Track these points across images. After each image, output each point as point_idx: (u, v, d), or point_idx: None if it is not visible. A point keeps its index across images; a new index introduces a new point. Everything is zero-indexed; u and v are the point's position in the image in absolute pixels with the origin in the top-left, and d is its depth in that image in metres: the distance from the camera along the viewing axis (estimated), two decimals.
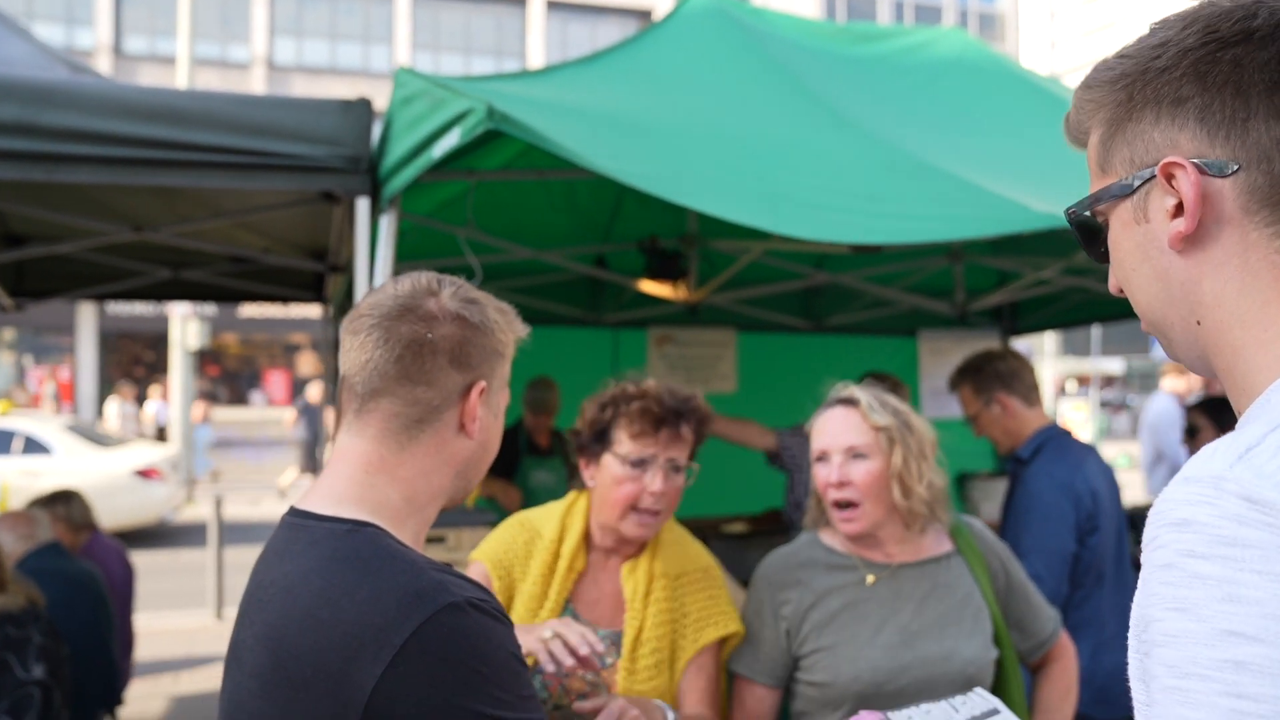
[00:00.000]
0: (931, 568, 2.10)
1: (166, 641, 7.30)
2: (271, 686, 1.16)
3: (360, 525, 1.23)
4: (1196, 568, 0.69)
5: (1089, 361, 32.63)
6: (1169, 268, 0.87)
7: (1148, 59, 0.87)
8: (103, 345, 25.21)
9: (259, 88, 25.33)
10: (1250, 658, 0.66)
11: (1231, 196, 0.83)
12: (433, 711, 1.10)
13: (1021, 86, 4.42)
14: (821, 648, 2.04)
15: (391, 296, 1.32)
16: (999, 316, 6.76)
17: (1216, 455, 0.74)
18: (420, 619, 1.12)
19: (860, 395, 2.10)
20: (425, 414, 1.29)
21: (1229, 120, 0.82)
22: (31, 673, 2.93)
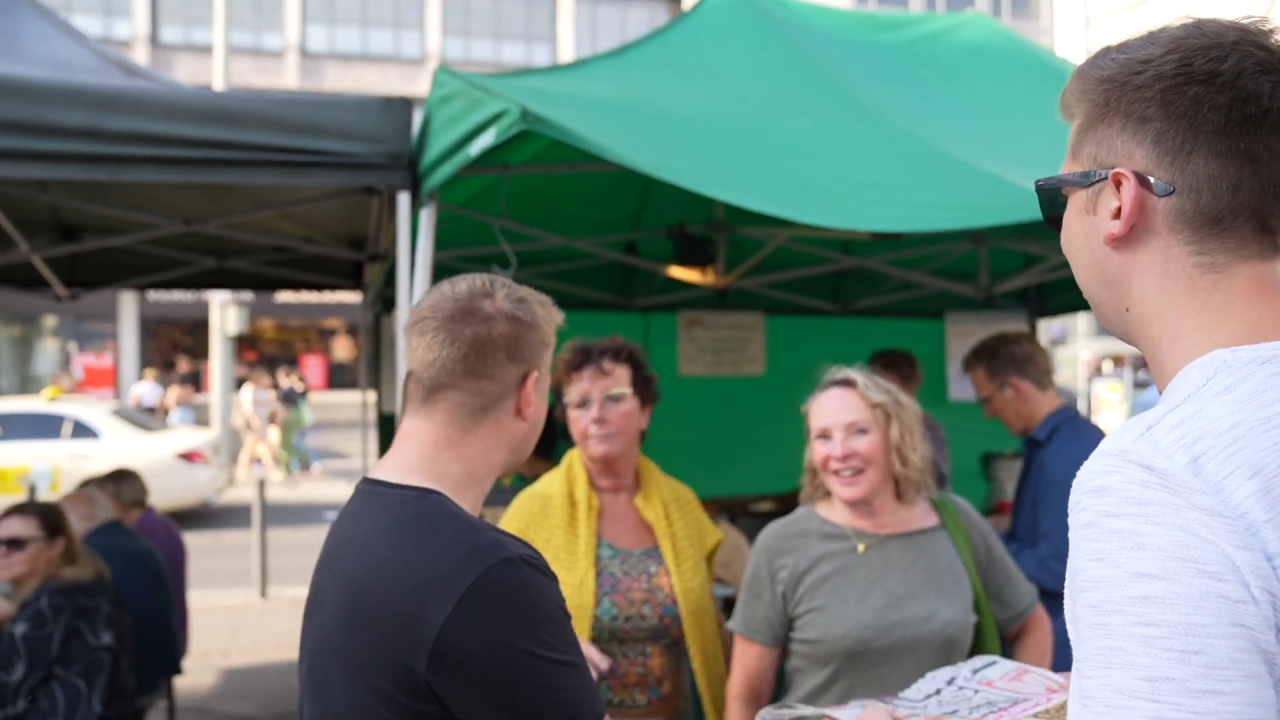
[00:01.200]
0: (918, 539, 2.28)
1: (214, 618, 7.55)
2: (352, 626, 1.34)
3: (427, 492, 1.41)
4: (1112, 525, 0.83)
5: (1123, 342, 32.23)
6: (1104, 259, 1.01)
7: (1131, 71, 0.97)
8: (143, 331, 25.70)
9: (292, 75, 25.61)
10: (1155, 592, 0.80)
11: (1162, 214, 0.96)
12: (491, 650, 1.27)
13: (1044, 71, 4.48)
14: (814, 608, 2.21)
15: (451, 299, 1.50)
16: (1025, 298, 6.80)
17: (1125, 432, 0.89)
18: (480, 570, 1.29)
19: (856, 376, 2.29)
20: (488, 403, 1.48)
21: (1177, 149, 0.94)
22: (101, 639, 3.13)
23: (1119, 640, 0.81)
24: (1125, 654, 0.80)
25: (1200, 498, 0.81)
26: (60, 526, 3.32)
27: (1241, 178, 0.93)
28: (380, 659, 1.30)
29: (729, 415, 6.33)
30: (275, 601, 8.24)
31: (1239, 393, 0.88)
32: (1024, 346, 3.37)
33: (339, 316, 27.60)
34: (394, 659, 1.29)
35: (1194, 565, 0.79)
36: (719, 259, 5.06)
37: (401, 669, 1.29)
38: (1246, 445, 0.84)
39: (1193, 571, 0.79)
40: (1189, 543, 0.80)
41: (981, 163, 3.12)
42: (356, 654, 1.33)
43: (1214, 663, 0.78)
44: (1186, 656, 0.78)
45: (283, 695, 5.91)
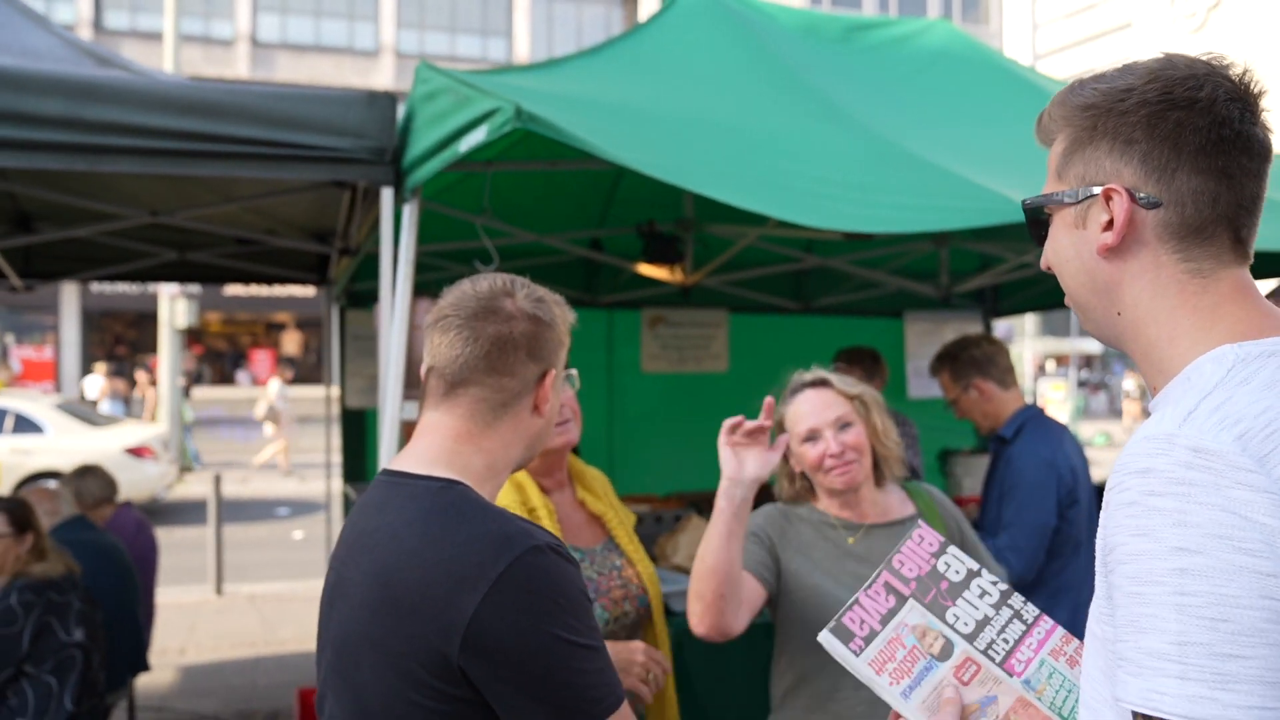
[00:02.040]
0: (898, 528, 2.37)
1: (170, 616, 7.44)
2: (383, 614, 1.38)
3: (451, 483, 1.46)
4: (1155, 503, 0.92)
5: (1068, 342, 32.99)
6: (1096, 269, 1.12)
7: (1115, 99, 1.09)
8: (86, 323, 25.15)
9: (243, 65, 25.22)
10: (1192, 565, 0.89)
11: (1151, 226, 1.07)
12: (521, 634, 1.32)
13: (1004, 77, 4.59)
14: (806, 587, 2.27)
15: (474, 297, 1.55)
16: (981, 299, 6.94)
17: (1166, 419, 0.97)
18: (511, 558, 1.34)
19: (827, 375, 2.38)
20: (509, 399, 1.53)
21: (1162, 168, 1.06)
22: (73, 636, 3.09)
23: (1154, 608, 0.90)
24: (1159, 620, 0.89)
25: (1247, 475, 0.90)
26: (29, 522, 3.27)
27: (1219, 192, 1.05)
28: (413, 645, 1.34)
29: (692, 412, 6.37)
30: (231, 598, 8.15)
31: (1257, 383, 0.98)
32: (985, 348, 3.47)
33: (288, 310, 27.22)
34: (427, 645, 1.33)
35: (1230, 542, 0.88)
36: (687, 257, 5.11)
37: (435, 654, 1.33)
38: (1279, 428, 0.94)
39: (1229, 548, 0.88)
40: (1229, 521, 0.88)
41: (948, 165, 3.20)
42: (388, 641, 1.37)
43: (1240, 630, 0.86)
44: (1215, 624, 0.87)
45: (243, 692, 5.85)
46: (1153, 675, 0.89)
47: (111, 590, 3.81)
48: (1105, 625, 1.01)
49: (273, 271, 6.18)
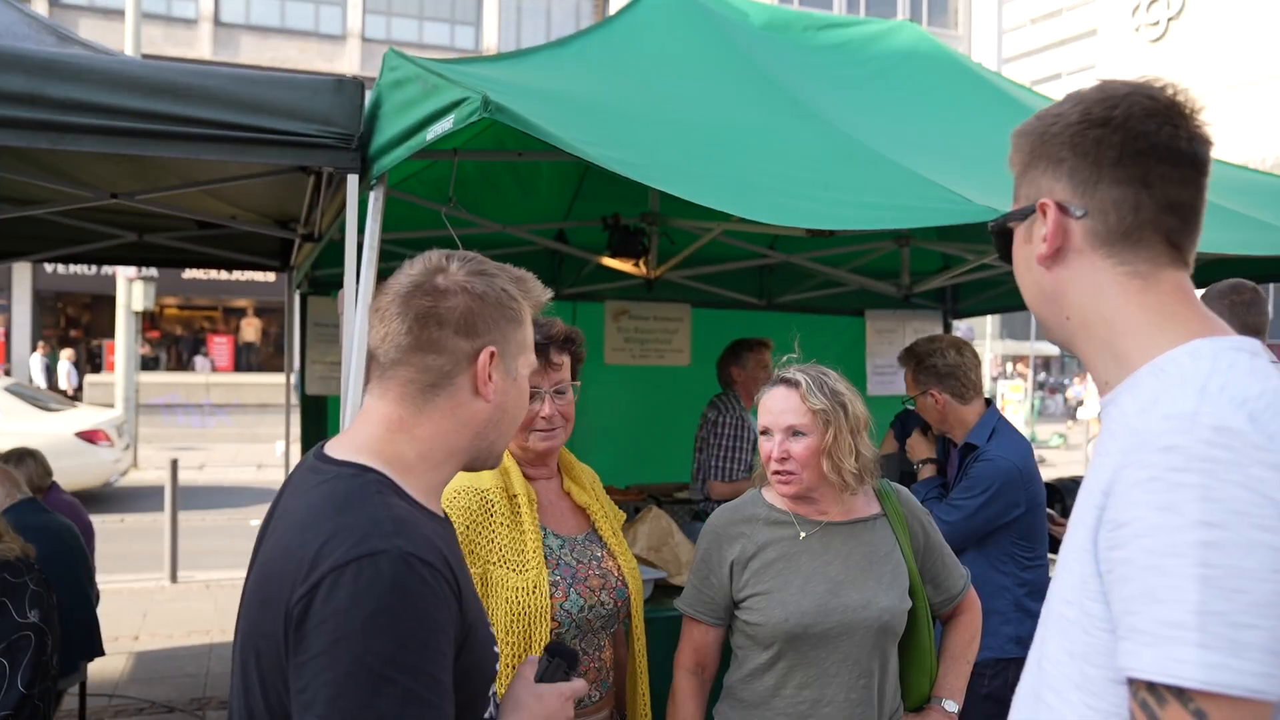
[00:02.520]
0: (859, 527, 2.38)
1: (124, 602, 7.36)
2: (251, 605, 1.33)
3: (364, 470, 1.36)
4: (1180, 479, 0.97)
5: (1027, 344, 33.45)
6: (1041, 279, 1.23)
7: (1046, 125, 1.21)
8: (38, 304, 24.68)
9: (205, 46, 24.84)
10: (1215, 539, 0.94)
11: (1079, 235, 1.18)
12: (326, 641, 1.18)
13: (970, 80, 4.66)
14: (758, 593, 2.31)
15: (406, 276, 1.45)
16: (942, 298, 7.04)
17: (1182, 399, 1.02)
18: (352, 555, 1.21)
19: (801, 378, 2.35)
20: (438, 379, 1.41)
21: (1085, 180, 1.16)
22: (27, 617, 3.06)
23: (1175, 579, 0.94)
24: (1180, 591, 0.94)
25: (1265, 455, 0.96)
26: None
27: (1140, 200, 1.14)
28: (268, 641, 1.26)
29: (654, 405, 6.42)
30: (186, 585, 8.07)
31: (1241, 371, 1.05)
32: (950, 359, 3.44)
33: (247, 296, 26.90)
34: (276, 639, 1.24)
35: (1250, 518, 0.93)
36: (652, 250, 5.14)
37: (275, 646, 1.24)
38: (1278, 408, 1.00)
39: (1249, 523, 0.93)
40: (1249, 498, 0.94)
41: (911, 165, 3.25)
42: (256, 638, 1.29)
43: (1255, 601, 0.92)
44: (1233, 595, 0.92)
45: (197, 680, 5.81)
46: (1171, 644, 0.93)
47: (64, 573, 3.77)
48: (1095, 604, 1.04)
49: (233, 256, 6.12)
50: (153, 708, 5.35)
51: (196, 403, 19.43)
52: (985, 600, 3.27)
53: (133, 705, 5.38)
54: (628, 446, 6.02)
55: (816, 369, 2.39)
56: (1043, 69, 48.52)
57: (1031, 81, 40.94)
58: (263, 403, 19.19)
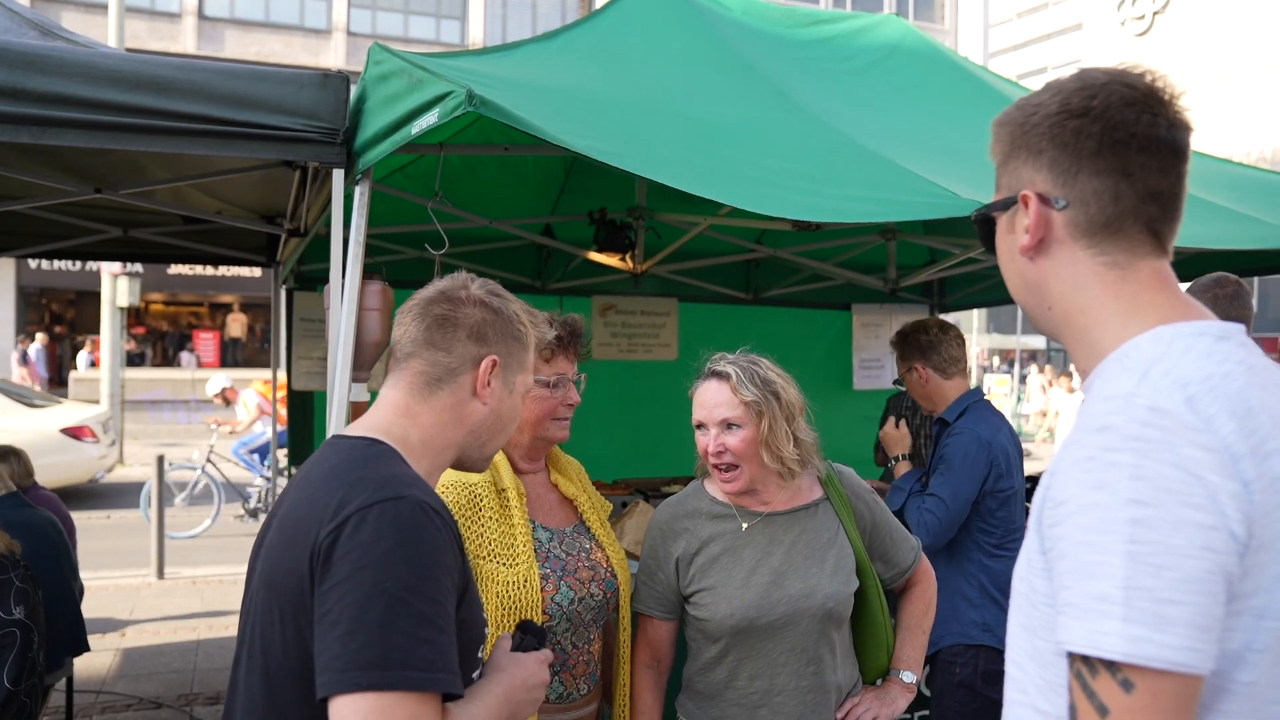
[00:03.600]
0: (801, 514, 2.39)
1: (109, 599, 7.33)
2: (275, 549, 1.46)
3: (376, 442, 1.54)
4: (1113, 458, 0.99)
5: (1013, 338, 33.57)
6: (1024, 269, 1.24)
7: (1026, 115, 1.21)
8: (22, 300, 24.52)
9: (189, 40, 24.69)
10: (1144, 516, 0.96)
11: (1060, 225, 1.18)
12: (352, 569, 1.32)
13: (956, 74, 4.67)
14: (704, 588, 2.33)
15: (434, 288, 1.68)
16: (929, 292, 7.06)
17: (1122, 381, 1.06)
18: (374, 499, 1.37)
19: (730, 369, 2.34)
20: (444, 374, 1.60)
21: (1065, 171, 1.17)
22: (12, 613, 3.05)
23: (1105, 555, 0.97)
24: (1108, 567, 0.96)
25: (1197, 435, 0.98)
26: None
27: (1120, 189, 1.15)
28: (289, 578, 1.38)
29: (641, 399, 6.42)
30: (173, 582, 8.03)
31: (1195, 354, 1.07)
32: (933, 335, 3.57)
33: (234, 292, 26.78)
34: (298, 576, 1.37)
35: (1179, 496, 0.96)
36: (638, 245, 5.14)
37: (303, 585, 1.36)
38: (1221, 391, 1.03)
39: (1177, 501, 0.96)
40: (1179, 477, 0.96)
41: (898, 158, 3.26)
42: (276, 579, 1.41)
43: (1181, 578, 0.94)
44: (1160, 570, 0.94)
45: (184, 676, 5.79)
46: (1098, 618, 0.96)
47: (48, 569, 3.75)
48: (1039, 580, 1.08)
49: (219, 252, 6.09)
50: (140, 704, 5.33)
51: (182, 399, 19.34)
52: (952, 585, 3.33)
53: (120, 701, 5.36)
54: (615, 441, 6.03)
55: (746, 358, 2.39)
56: (1029, 63, 48.67)
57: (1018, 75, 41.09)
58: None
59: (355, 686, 1.26)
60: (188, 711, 5.22)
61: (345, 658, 1.28)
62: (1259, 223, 3.53)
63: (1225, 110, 16.95)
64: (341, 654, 1.28)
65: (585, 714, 2.37)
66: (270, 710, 1.40)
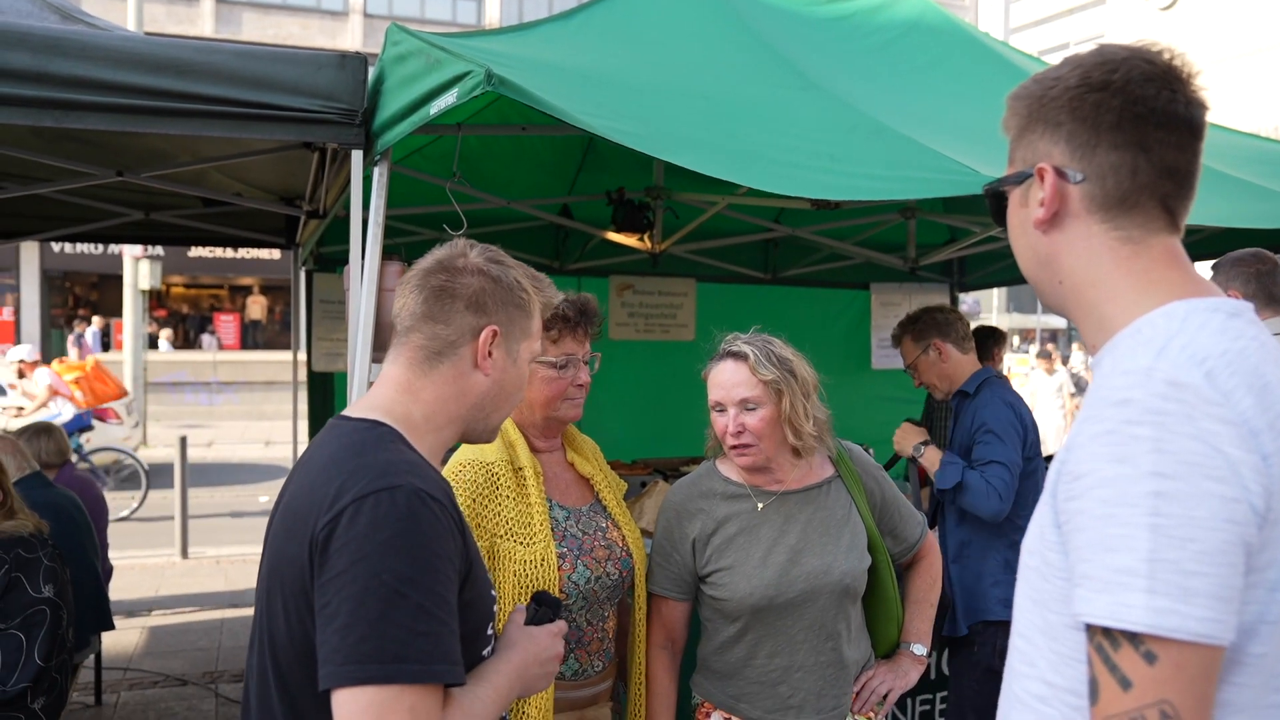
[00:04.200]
0: (815, 492, 2.40)
1: (135, 578, 7.43)
2: (277, 537, 1.46)
3: (377, 424, 1.50)
4: (1134, 431, 0.99)
5: (1033, 317, 33.37)
6: (1036, 243, 1.23)
7: (1045, 88, 1.20)
8: (46, 284, 24.73)
9: (207, 23, 24.74)
10: (1167, 489, 0.96)
11: (1077, 199, 1.18)
12: (350, 561, 1.31)
13: (976, 50, 4.62)
14: (721, 568, 2.33)
15: (432, 258, 1.62)
16: (948, 271, 7.02)
17: (1139, 355, 1.05)
18: (372, 488, 1.35)
19: (748, 349, 2.33)
20: (443, 347, 1.56)
21: (1084, 145, 1.16)
22: (42, 592, 3.10)
23: (1127, 528, 0.97)
24: (1131, 539, 0.96)
25: (1216, 409, 0.99)
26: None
27: (1138, 164, 1.14)
28: (293, 567, 1.38)
29: (659, 379, 6.43)
30: (197, 561, 8.13)
31: (1210, 330, 1.07)
32: (946, 314, 3.61)
33: (254, 274, 26.91)
34: (300, 565, 1.36)
35: (1201, 469, 0.96)
36: (656, 225, 5.13)
37: (305, 574, 1.36)
38: (1238, 367, 1.03)
39: (1200, 474, 0.96)
40: (1200, 450, 0.97)
41: (918, 135, 3.24)
42: (281, 568, 1.41)
43: (1205, 550, 0.95)
44: (1184, 543, 0.95)
45: (209, 654, 5.87)
46: (1121, 590, 0.96)
47: (73, 548, 3.80)
48: (1053, 553, 1.08)
49: (239, 234, 6.13)
50: (166, 680, 5.41)
51: (204, 380, 19.50)
52: (973, 562, 3.33)
53: (147, 678, 5.44)
54: (634, 422, 6.04)
55: (761, 338, 2.39)
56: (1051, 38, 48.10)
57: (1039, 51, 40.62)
58: (269, 380, 19.26)
59: (353, 680, 1.27)
60: (213, 689, 5.30)
61: (344, 651, 1.28)
62: None
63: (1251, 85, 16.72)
64: (340, 647, 1.28)
65: (600, 691, 2.39)
66: (283, 696, 1.41)
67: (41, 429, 4.73)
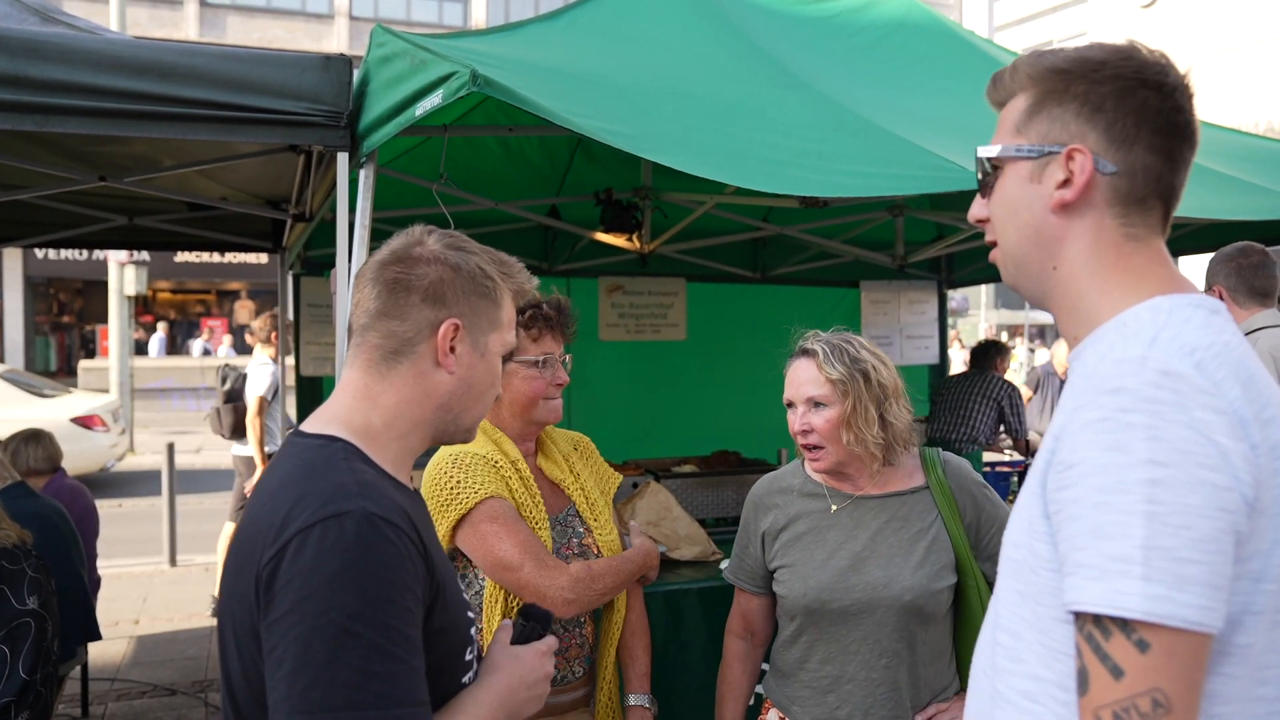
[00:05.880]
0: (893, 501, 2.28)
1: (123, 586, 7.38)
2: (228, 572, 1.34)
3: (331, 440, 1.37)
4: (1128, 419, 0.99)
5: (1021, 314, 33.48)
6: (1044, 222, 1.19)
7: (1089, 67, 1.17)
8: (30, 290, 24.56)
9: (191, 27, 24.61)
10: (1162, 477, 0.96)
11: (1102, 189, 1.17)
12: (297, 598, 1.20)
13: (961, 48, 4.63)
14: (785, 565, 2.30)
15: (387, 248, 1.48)
16: (937, 268, 7.03)
17: (1131, 344, 1.05)
18: (319, 516, 1.23)
19: (817, 347, 2.28)
20: (400, 346, 1.42)
21: (1123, 139, 1.14)
22: (26, 604, 3.06)
23: (1122, 515, 0.97)
24: (1127, 527, 0.96)
25: (1208, 398, 0.99)
26: None
27: (1163, 172, 1.15)
28: (242, 606, 1.27)
29: (649, 380, 6.42)
30: (186, 569, 8.08)
31: (1194, 324, 1.08)
32: None
33: (241, 278, 26.79)
34: (247, 605, 1.26)
35: (1194, 457, 0.97)
36: (645, 225, 5.12)
37: (247, 610, 1.26)
38: (1225, 359, 1.04)
39: (1193, 462, 0.96)
40: (1193, 438, 0.97)
41: (904, 132, 3.23)
42: (232, 606, 1.30)
43: (1199, 537, 0.95)
44: (1179, 530, 0.95)
45: (198, 663, 5.83)
46: (1116, 578, 0.96)
47: (58, 558, 3.76)
48: (1041, 544, 1.08)
49: (225, 238, 6.09)
50: (155, 691, 5.36)
51: (192, 387, 19.38)
52: None
53: (135, 689, 5.40)
54: (625, 422, 6.02)
55: (839, 336, 2.31)
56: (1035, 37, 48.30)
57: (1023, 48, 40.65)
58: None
59: None
60: (202, 698, 5.26)
61: (291, 700, 1.17)
62: (1269, 193, 3.50)
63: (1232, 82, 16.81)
64: (288, 695, 1.17)
65: (579, 696, 2.38)
66: None
67: (30, 435, 4.68)
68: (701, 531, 3.95)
